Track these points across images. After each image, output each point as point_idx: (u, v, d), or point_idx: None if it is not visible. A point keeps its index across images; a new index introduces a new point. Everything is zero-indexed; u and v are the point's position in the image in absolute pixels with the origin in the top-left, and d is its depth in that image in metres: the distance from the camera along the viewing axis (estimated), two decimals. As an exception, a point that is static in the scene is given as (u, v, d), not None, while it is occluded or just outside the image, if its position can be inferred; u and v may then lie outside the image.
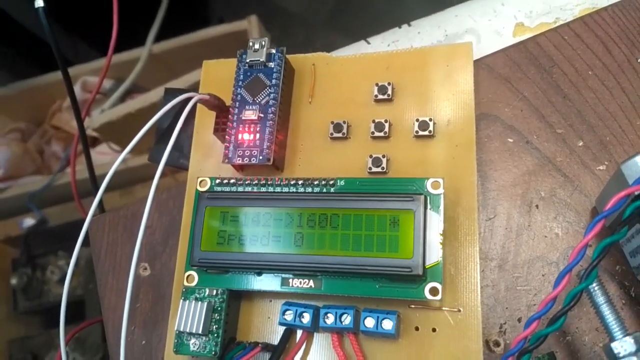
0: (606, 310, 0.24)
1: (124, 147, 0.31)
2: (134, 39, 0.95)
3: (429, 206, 0.28)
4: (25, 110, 1.06)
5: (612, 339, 0.23)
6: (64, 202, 0.97)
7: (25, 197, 0.95)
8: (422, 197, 0.28)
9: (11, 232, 1.00)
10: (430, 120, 0.32)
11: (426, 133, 0.32)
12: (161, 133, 0.39)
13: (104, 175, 0.30)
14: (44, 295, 0.96)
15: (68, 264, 0.32)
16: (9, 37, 1.05)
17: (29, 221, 0.97)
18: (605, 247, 0.22)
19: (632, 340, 0.22)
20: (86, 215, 0.31)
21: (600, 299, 0.24)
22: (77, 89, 0.96)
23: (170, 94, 0.39)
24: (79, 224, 0.31)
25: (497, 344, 0.30)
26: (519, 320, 0.30)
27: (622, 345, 0.22)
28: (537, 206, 0.31)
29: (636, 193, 0.23)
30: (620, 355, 0.22)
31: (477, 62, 0.34)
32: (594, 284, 0.24)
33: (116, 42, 0.50)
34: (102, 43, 0.53)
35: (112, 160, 0.92)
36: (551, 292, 0.22)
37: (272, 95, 0.33)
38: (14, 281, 0.97)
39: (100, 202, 0.44)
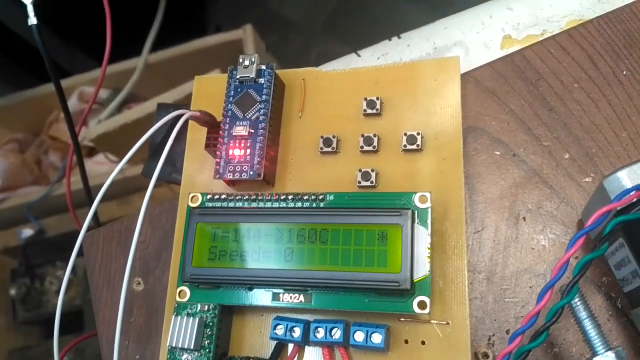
0: (588, 325, 0.24)
1: (120, 157, 0.31)
2: (130, 48, 0.96)
3: (416, 220, 0.29)
4: (23, 120, 1.07)
5: (594, 353, 0.24)
6: (62, 213, 0.97)
7: (23, 207, 0.96)
8: (409, 211, 0.29)
9: (9, 242, 1.00)
10: (418, 134, 0.32)
11: (414, 147, 0.32)
12: (154, 148, 0.40)
13: (100, 185, 0.31)
14: (42, 306, 0.97)
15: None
16: (5, 47, 1.06)
17: (27, 232, 0.98)
18: (586, 264, 0.22)
19: (613, 355, 0.23)
20: (81, 227, 0.32)
21: (583, 314, 0.25)
22: (74, 99, 0.97)
23: (163, 109, 0.39)
24: (77, 235, 0.31)
25: (485, 355, 0.30)
26: (507, 332, 0.30)
27: None
28: (524, 218, 0.32)
29: (618, 208, 0.24)
30: (603, 369, 0.23)
31: (464, 76, 0.35)
32: (576, 299, 0.25)
33: (111, 53, 0.50)
34: (99, 53, 0.53)
35: (109, 170, 0.93)
36: (534, 308, 0.23)
37: (262, 110, 0.34)
38: (12, 291, 0.98)
39: (96, 214, 0.44)
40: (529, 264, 0.31)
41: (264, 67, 0.35)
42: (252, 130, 0.33)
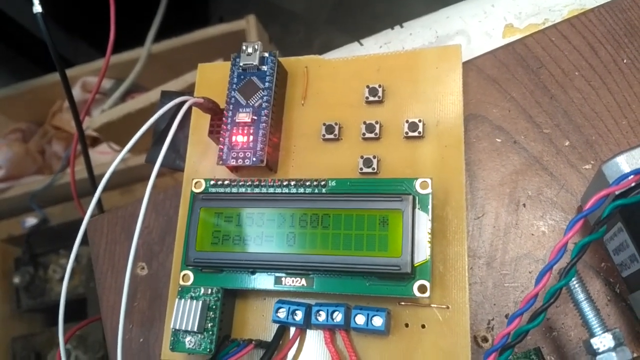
0: (586, 307, 0.25)
1: (124, 147, 0.32)
2: (133, 38, 0.96)
3: (417, 206, 0.29)
4: (26, 110, 1.07)
5: (591, 334, 0.24)
6: (65, 202, 0.98)
7: (27, 196, 0.96)
8: (410, 197, 0.29)
9: (13, 231, 1.01)
10: (420, 121, 0.32)
11: (416, 134, 0.32)
12: (158, 135, 0.40)
13: (103, 175, 0.31)
14: (46, 294, 0.97)
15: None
16: (9, 37, 1.06)
17: (30, 220, 0.98)
18: (584, 246, 0.23)
19: (610, 336, 0.23)
20: (85, 214, 0.32)
21: (580, 295, 0.25)
22: (77, 89, 0.97)
23: (167, 96, 0.40)
24: (80, 223, 0.32)
25: (485, 339, 0.30)
26: (506, 316, 0.31)
27: (601, 341, 0.23)
28: (524, 205, 0.32)
29: (616, 193, 0.24)
30: (600, 350, 0.23)
31: (466, 64, 0.35)
32: (574, 281, 0.25)
33: (115, 43, 0.50)
34: (102, 43, 0.53)
35: (112, 159, 0.93)
36: (532, 289, 0.23)
37: (265, 98, 0.34)
38: (16, 280, 0.98)
39: (99, 202, 0.45)
40: (529, 249, 0.31)
41: (266, 54, 0.35)
42: (255, 117, 0.34)
